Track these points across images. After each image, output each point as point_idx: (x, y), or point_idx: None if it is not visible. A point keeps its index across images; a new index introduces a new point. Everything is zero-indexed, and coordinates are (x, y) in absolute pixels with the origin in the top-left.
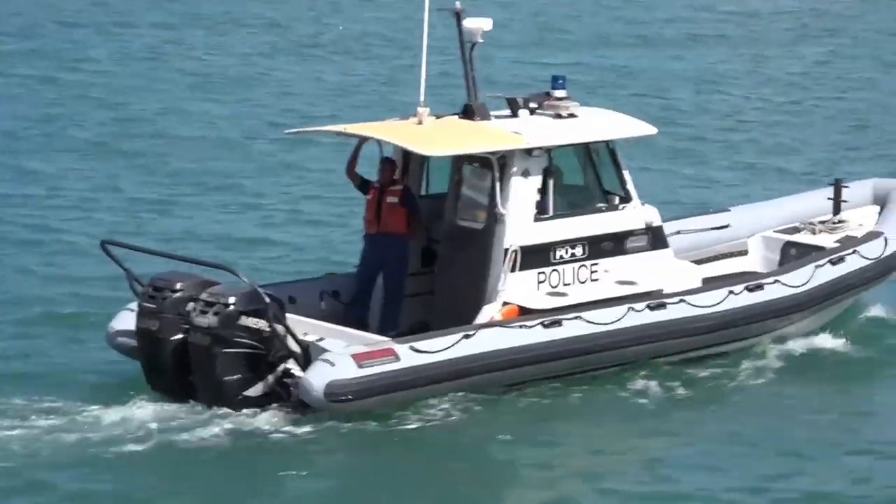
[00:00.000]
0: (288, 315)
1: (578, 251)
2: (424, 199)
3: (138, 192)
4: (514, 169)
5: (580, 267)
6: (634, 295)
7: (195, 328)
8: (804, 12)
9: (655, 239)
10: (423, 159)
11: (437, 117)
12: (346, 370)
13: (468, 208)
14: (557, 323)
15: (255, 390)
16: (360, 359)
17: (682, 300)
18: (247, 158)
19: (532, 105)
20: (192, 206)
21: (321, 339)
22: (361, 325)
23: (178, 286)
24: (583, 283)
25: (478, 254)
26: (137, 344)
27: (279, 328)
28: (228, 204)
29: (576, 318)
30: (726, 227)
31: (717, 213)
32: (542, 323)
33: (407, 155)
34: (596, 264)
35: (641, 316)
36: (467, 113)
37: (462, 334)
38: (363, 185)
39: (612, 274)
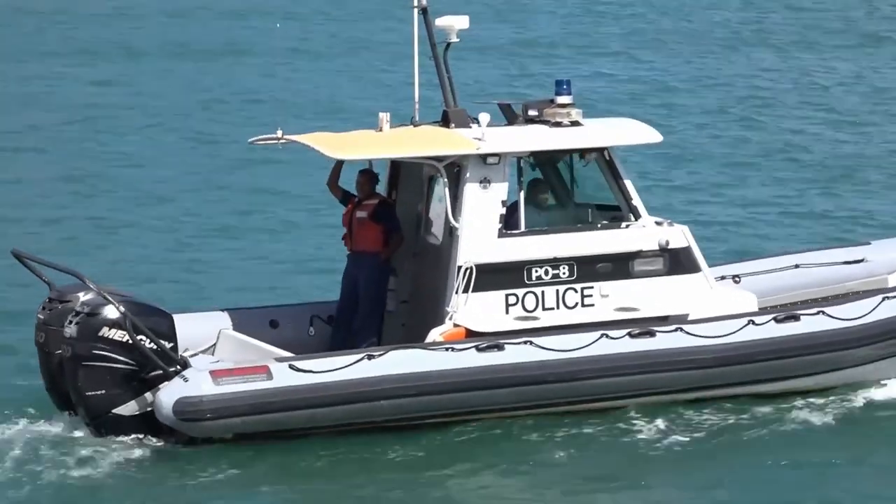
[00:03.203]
0: (234, 334)
1: (564, 272)
2: None
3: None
4: (469, 177)
5: (567, 290)
6: (622, 321)
7: (62, 339)
8: None
9: (675, 262)
10: (421, 174)
11: (415, 125)
12: (200, 387)
13: (432, 222)
14: (497, 347)
15: (126, 409)
16: (218, 375)
17: (678, 328)
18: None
19: (532, 112)
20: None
21: (195, 355)
22: (345, 348)
23: (69, 297)
24: (571, 307)
25: (436, 271)
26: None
27: (144, 342)
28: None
29: (525, 342)
30: (860, 261)
31: (855, 246)
32: (476, 346)
33: (396, 168)
34: (590, 287)
35: (617, 344)
36: (445, 120)
37: (365, 355)
38: (346, 198)
39: (612, 299)
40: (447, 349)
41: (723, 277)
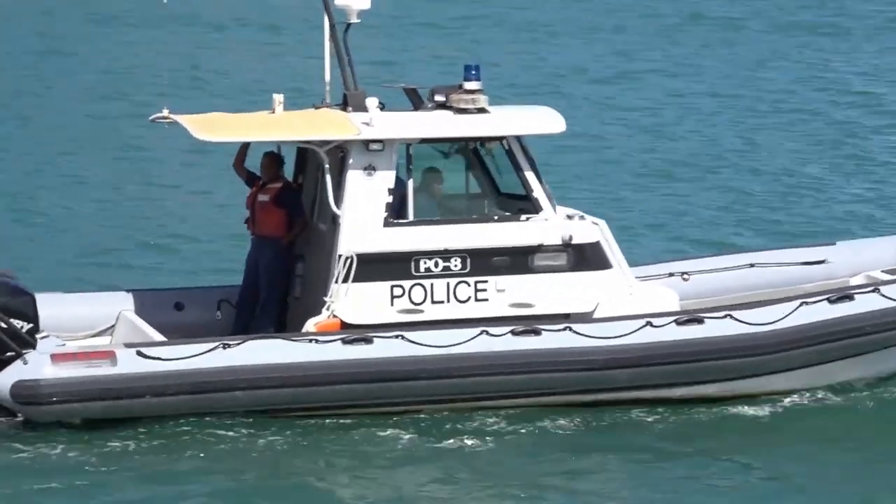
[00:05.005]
0: (132, 317)
1: (455, 264)
2: None
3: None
4: (352, 164)
5: (459, 283)
6: (509, 317)
7: None
8: None
9: (581, 257)
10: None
11: (316, 108)
12: (38, 370)
13: (322, 209)
14: (365, 340)
15: None
16: (59, 359)
17: (567, 328)
18: None
19: (439, 98)
20: None
21: (46, 337)
22: (246, 333)
23: None
24: (463, 301)
25: (322, 259)
26: None
27: None
28: None
29: (396, 336)
30: (821, 262)
31: (819, 246)
32: (342, 339)
33: (302, 152)
34: (484, 281)
35: (496, 342)
36: (345, 103)
37: (220, 343)
38: (251, 180)
39: (508, 294)
40: (311, 340)
41: (671, 274)
